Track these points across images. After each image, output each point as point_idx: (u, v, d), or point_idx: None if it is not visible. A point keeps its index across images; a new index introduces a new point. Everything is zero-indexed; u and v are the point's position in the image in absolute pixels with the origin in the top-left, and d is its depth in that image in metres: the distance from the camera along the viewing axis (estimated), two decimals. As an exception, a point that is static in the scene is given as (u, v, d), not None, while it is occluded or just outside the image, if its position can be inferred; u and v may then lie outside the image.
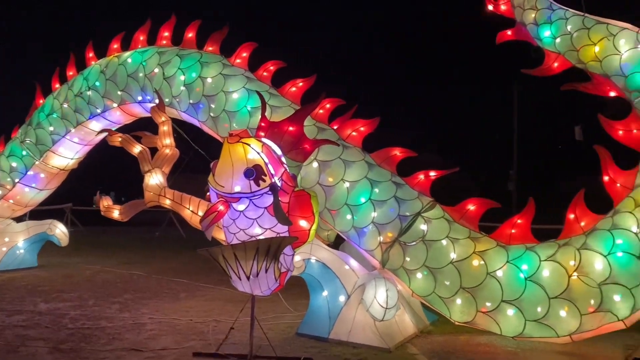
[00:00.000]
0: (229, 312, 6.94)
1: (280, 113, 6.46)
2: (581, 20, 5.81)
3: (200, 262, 11.77)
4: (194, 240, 16.70)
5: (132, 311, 6.85)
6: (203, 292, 8.32)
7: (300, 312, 6.79)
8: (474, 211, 5.82)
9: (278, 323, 6.42)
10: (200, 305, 7.38)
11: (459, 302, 5.48)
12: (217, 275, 9.70)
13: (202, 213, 6.16)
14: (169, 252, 13.61)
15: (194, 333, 5.90)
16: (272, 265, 4.57)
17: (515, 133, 27.35)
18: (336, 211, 6.07)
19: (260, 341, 5.33)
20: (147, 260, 11.85)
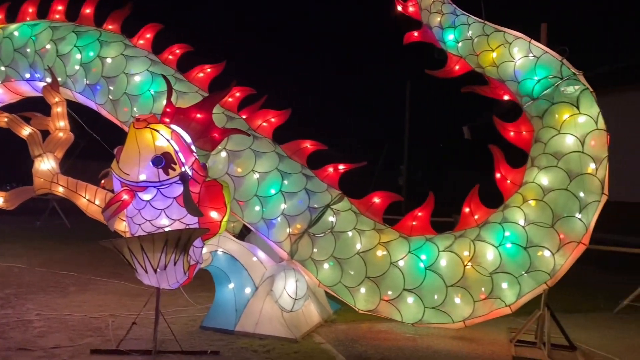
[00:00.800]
0: (126, 306, 6.61)
1: (186, 99, 6.24)
2: (482, 27, 6.22)
3: (89, 253, 11.04)
4: (80, 230, 15.65)
5: (15, 307, 6.27)
6: (95, 286, 7.82)
7: (203, 305, 6.64)
8: (379, 204, 6.04)
9: (180, 317, 6.23)
10: (94, 299, 6.95)
11: (363, 291, 5.66)
12: (109, 268, 9.17)
13: (99, 202, 5.82)
14: (53, 243, 12.59)
15: (89, 329, 5.54)
16: (181, 258, 4.42)
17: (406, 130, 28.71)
18: (245, 202, 5.99)
19: (164, 336, 5.14)
20: (29, 252, 10.88)
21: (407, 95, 28.04)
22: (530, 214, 5.40)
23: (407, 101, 28.57)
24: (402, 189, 26.62)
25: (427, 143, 31.97)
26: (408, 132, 28.67)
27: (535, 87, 5.72)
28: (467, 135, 15.05)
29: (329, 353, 5.19)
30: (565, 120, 5.49)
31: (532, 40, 5.92)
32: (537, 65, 5.76)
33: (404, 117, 28.67)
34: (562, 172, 5.38)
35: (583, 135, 5.40)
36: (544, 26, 7.62)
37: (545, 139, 5.58)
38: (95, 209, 5.74)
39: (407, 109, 28.64)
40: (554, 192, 5.38)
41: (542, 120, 5.63)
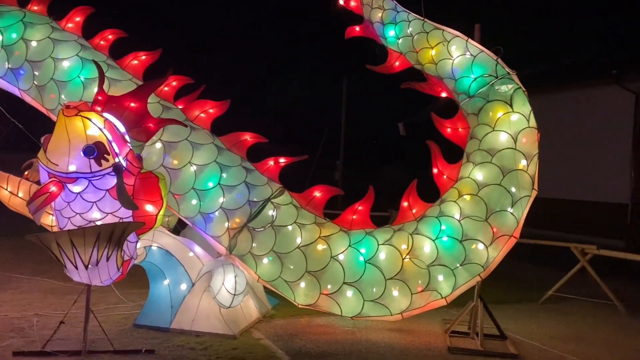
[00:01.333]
0: (53, 304, 6.26)
1: (119, 87, 5.95)
2: (421, 24, 6.32)
3: (10, 250, 10.36)
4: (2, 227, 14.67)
5: None
6: (16, 284, 7.34)
7: (136, 303, 6.39)
8: (319, 198, 6.02)
9: (111, 315, 5.96)
10: (15, 298, 6.51)
11: (303, 286, 5.63)
12: (33, 265, 8.63)
13: (23, 195, 5.43)
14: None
15: (11, 330, 5.18)
16: (114, 253, 4.21)
17: (342, 126, 29.00)
18: (181, 196, 5.79)
19: (94, 335, 4.90)
20: (-60, 249, 10.10)
21: (344, 91, 28.32)
22: (465, 208, 5.56)
23: (344, 97, 28.86)
24: (339, 184, 26.91)
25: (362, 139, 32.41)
26: (344, 128, 28.99)
27: (472, 85, 5.89)
28: (402, 132, 15.35)
29: (268, 349, 5.13)
30: (499, 118, 5.69)
31: (469, 39, 6.09)
32: (473, 64, 5.93)
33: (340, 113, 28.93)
34: (496, 168, 5.58)
35: (516, 133, 5.62)
36: (478, 27, 7.84)
37: (480, 135, 5.77)
38: (18, 201, 5.35)
39: (343, 105, 28.92)
40: (487, 187, 5.56)
41: (477, 118, 5.81)
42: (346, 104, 28.78)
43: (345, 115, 28.86)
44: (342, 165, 28.12)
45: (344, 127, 28.91)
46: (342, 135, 28.75)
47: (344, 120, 28.89)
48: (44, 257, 9.32)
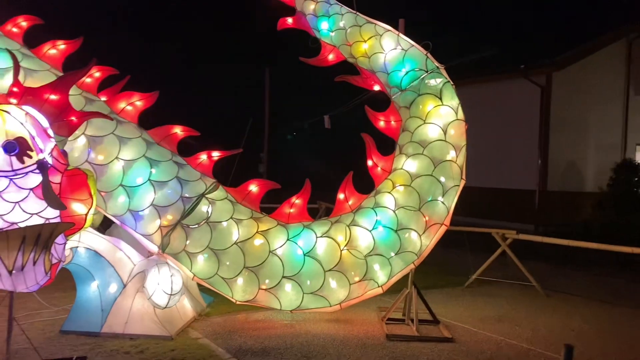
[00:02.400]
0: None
1: (36, 78, 5.55)
2: (354, 17, 6.38)
3: None
4: None
5: None
6: None
7: (60, 307, 6.02)
8: (255, 192, 5.94)
9: (34, 322, 5.57)
10: None
11: (241, 282, 5.54)
12: None
13: None
14: None
15: None
16: (41, 257, 3.92)
17: (266, 118, 28.82)
18: (108, 193, 5.51)
19: (17, 345, 4.56)
20: None
21: (267, 83, 28.13)
22: (399, 199, 5.70)
23: (266, 88, 28.67)
24: (263, 176, 26.74)
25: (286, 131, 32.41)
26: (268, 120, 28.82)
27: (404, 78, 6.04)
28: (327, 125, 15.45)
29: (207, 347, 5.01)
30: (429, 111, 5.87)
31: (401, 34, 6.23)
32: (404, 58, 6.08)
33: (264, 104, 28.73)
34: (427, 159, 5.77)
35: (445, 125, 5.83)
36: (402, 22, 8.05)
37: (412, 128, 5.93)
38: None
39: (266, 96, 28.73)
40: (420, 178, 5.74)
41: (409, 111, 5.97)
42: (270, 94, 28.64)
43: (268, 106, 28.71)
44: (267, 158, 28.00)
45: (268, 119, 28.76)
46: (266, 127, 28.59)
47: (267, 111, 28.73)
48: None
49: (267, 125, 28.67)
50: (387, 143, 6.24)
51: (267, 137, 28.48)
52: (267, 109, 28.73)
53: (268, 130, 28.68)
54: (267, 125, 28.72)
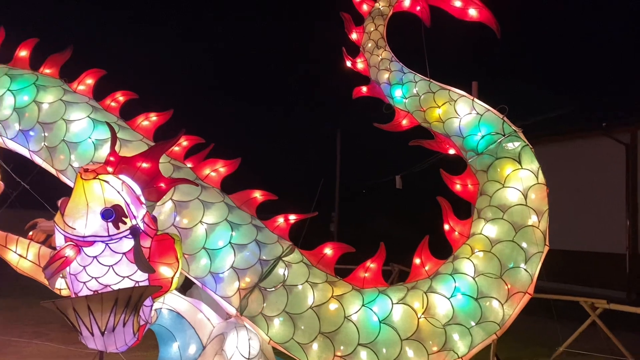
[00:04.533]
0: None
1: (130, 148, 5.99)
2: (427, 84, 6.53)
3: (6, 310, 10.14)
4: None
5: None
6: (16, 349, 7.15)
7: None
8: (330, 255, 5.98)
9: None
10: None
11: (316, 348, 5.49)
12: (31, 327, 8.45)
13: (32, 257, 5.38)
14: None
15: (15, 401, 4.99)
16: (131, 318, 4.12)
17: (337, 178, 29.25)
18: (191, 255, 5.73)
19: (104, 404, 4.72)
20: None
21: (338, 144, 28.73)
22: (479, 265, 5.54)
23: (338, 149, 29.25)
24: (334, 235, 26.82)
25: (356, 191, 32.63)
26: (338, 179, 29.22)
27: (480, 142, 6.03)
28: (398, 185, 15.46)
29: (283, 414, 4.95)
30: (508, 175, 5.78)
31: (475, 99, 6.27)
32: (480, 122, 6.08)
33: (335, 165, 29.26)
34: (508, 224, 5.61)
35: (525, 189, 5.70)
36: (475, 84, 8.09)
37: (490, 192, 5.83)
38: (27, 264, 5.29)
39: (337, 157, 29.27)
40: (500, 244, 5.58)
41: (486, 174, 5.90)
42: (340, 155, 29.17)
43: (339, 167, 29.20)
44: (338, 217, 28.18)
45: (338, 179, 29.17)
46: (337, 187, 28.97)
47: (338, 171, 29.19)
48: (42, 319, 9.14)
49: (337, 185, 29.04)
50: (463, 206, 6.15)
51: (337, 197, 28.78)
52: (338, 170, 29.19)
53: (339, 191, 29.01)
54: (338, 185, 29.07)
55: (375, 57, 7.07)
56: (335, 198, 28.15)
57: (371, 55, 7.14)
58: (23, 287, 13.59)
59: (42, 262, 5.35)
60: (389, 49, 7.11)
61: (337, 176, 28.77)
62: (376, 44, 7.30)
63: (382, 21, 7.58)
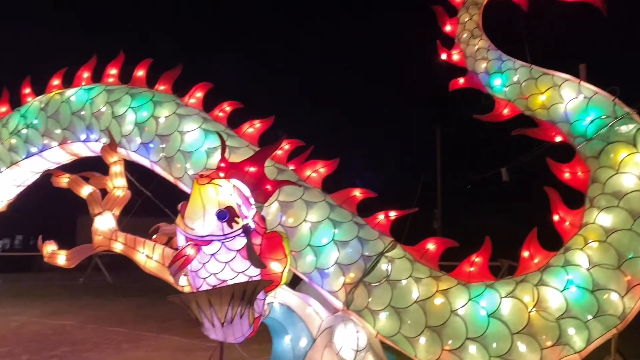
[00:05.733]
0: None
1: (238, 154, 6.39)
2: (529, 71, 6.30)
3: (134, 308, 11.17)
4: (122, 286, 15.89)
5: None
6: (146, 342, 7.87)
7: (259, 358, 6.59)
8: (433, 250, 5.98)
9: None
10: (148, 356, 6.97)
11: (423, 342, 5.52)
12: (157, 323, 9.24)
13: (158, 257, 5.91)
14: (98, 299, 12.81)
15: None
16: (247, 311, 4.43)
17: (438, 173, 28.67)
18: (298, 252, 6.01)
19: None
20: (77, 309, 11.08)
21: (438, 140, 28.18)
22: (593, 256, 5.26)
23: (438, 146, 28.68)
24: (438, 233, 26.33)
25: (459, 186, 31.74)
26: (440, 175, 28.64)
27: (589, 127, 5.71)
28: (505, 178, 14.86)
29: (393, 406, 5.04)
30: (622, 160, 5.42)
31: (582, 82, 5.95)
32: (588, 106, 5.77)
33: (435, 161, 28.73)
34: (624, 212, 5.27)
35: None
36: (583, 66, 7.64)
37: (603, 179, 5.51)
38: (153, 264, 5.83)
39: (437, 153, 28.71)
40: (617, 233, 5.25)
41: (598, 160, 5.58)
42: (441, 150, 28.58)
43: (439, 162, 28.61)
44: (441, 214, 27.63)
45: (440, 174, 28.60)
46: (438, 183, 28.41)
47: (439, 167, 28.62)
48: (166, 315, 9.97)
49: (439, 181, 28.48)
50: (573, 196, 5.85)
51: (439, 193, 28.23)
52: (439, 165, 28.62)
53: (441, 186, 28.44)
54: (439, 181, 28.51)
55: (472, 47, 6.94)
56: (437, 194, 27.61)
57: (467, 46, 7.02)
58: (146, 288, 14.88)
59: (166, 261, 5.89)
60: (486, 37, 6.94)
61: (438, 172, 28.21)
62: (471, 33, 7.17)
63: (476, 10, 7.42)
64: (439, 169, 28.43)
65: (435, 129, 27.99)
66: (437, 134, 28.32)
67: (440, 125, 28.00)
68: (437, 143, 28.39)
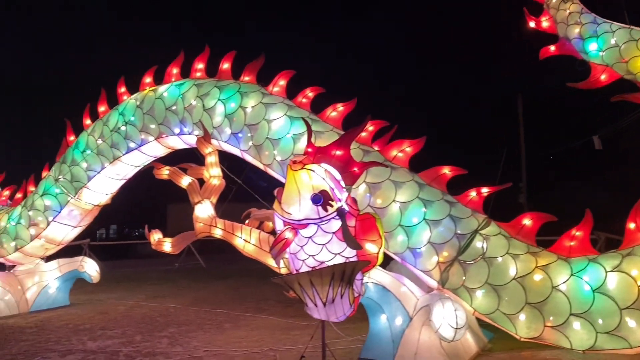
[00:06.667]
0: (280, 340, 6.88)
1: (323, 138, 6.51)
2: (628, 32, 5.91)
3: (230, 290, 11.70)
4: (214, 269, 16.69)
5: (183, 345, 6.77)
6: (246, 322, 8.24)
7: (353, 337, 6.74)
8: (530, 226, 5.82)
9: (335, 349, 6.34)
10: (249, 335, 7.30)
11: (523, 318, 5.44)
12: (253, 304, 9.65)
13: (255, 241, 6.19)
14: (194, 282, 13.53)
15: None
16: (347, 291, 4.55)
17: (521, 145, 27.49)
18: (388, 233, 6.07)
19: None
20: (177, 292, 11.78)
21: (520, 109, 26.99)
22: None
23: (520, 116, 27.49)
24: (524, 207, 25.36)
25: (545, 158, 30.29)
26: (523, 147, 27.48)
27: (698, 88, 5.30)
28: (597, 146, 14.04)
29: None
30: None
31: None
32: (699, 65, 5.35)
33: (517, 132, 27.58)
34: None
35: None
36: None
37: None
38: (251, 247, 6.11)
39: (520, 124, 27.53)
40: None
41: None
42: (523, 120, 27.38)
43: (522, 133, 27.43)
44: (526, 188, 26.57)
45: (523, 146, 27.43)
46: (522, 155, 27.27)
47: (522, 138, 27.45)
48: (261, 296, 10.39)
49: (523, 153, 27.34)
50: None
51: (524, 166, 27.12)
52: (522, 136, 27.45)
53: (525, 159, 27.30)
54: (524, 153, 27.37)
55: (563, 12, 6.59)
56: (522, 167, 26.51)
57: (557, 11, 6.67)
58: (237, 271, 15.53)
59: (262, 245, 6.15)
60: (578, 1, 6.57)
61: (522, 144, 27.04)
62: (561, -2, 6.79)
63: (565, -27, 7.02)
64: (522, 140, 27.27)
65: (517, 98, 26.79)
66: (519, 103, 27.12)
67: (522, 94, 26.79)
68: (520, 113, 27.20)
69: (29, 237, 9.13)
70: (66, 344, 6.99)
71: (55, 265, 10.06)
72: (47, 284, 9.84)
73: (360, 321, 6.49)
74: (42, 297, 9.73)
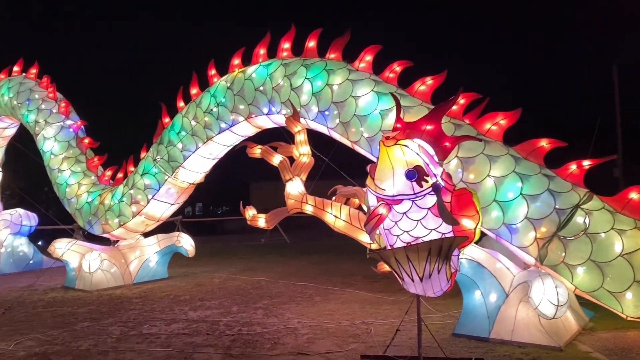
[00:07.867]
0: (371, 314, 6.99)
1: (412, 113, 6.42)
2: None
3: (315, 265, 11.98)
4: (299, 245, 17.14)
5: (278, 316, 7.05)
6: (334, 295, 8.42)
7: (444, 313, 6.71)
8: (637, 200, 5.48)
9: (428, 325, 6.36)
10: (340, 308, 7.47)
11: (630, 297, 5.18)
12: (339, 278, 9.83)
13: (345, 217, 6.27)
14: (281, 257, 13.98)
15: (349, 336, 5.97)
16: (444, 266, 4.53)
17: (617, 116, 25.73)
18: (483, 208, 5.89)
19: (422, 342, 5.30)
20: (265, 266, 12.23)
21: (615, 80, 25.17)
22: None
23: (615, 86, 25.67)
24: (620, 181, 23.82)
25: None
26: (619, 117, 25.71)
27: None
28: None
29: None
30: None
31: None
32: None
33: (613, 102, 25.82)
34: None
35: None
36: None
37: None
38: (342, 223, 6.20)
39: (615, 93, 25.73)
40: None
41: None
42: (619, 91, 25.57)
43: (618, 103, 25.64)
44: (622, 160, 24.89)
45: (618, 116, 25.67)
46: (618, 127, 25.54)
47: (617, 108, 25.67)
48: (346, 272, 10.56)
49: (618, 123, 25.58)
50: None
51: (620, 137, 25.39)
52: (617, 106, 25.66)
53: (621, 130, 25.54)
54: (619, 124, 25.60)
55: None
56: (618, 139, 24.81)
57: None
58: (320, 246, 15.82)
59: (352, 221, 6.22)
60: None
61: (617, 114, 25.28)
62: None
63: None
64: (618, 109, 25.47)
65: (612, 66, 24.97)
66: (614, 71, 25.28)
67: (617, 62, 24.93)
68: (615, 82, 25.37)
69: (131, 214, 9.79)
70: (170, 314, 7.49)
71: (155, 240, 10.76)
72: (147, 258, 10.55)
73: (451, 297, 6.46)
74: (143, 269, 10.45)
